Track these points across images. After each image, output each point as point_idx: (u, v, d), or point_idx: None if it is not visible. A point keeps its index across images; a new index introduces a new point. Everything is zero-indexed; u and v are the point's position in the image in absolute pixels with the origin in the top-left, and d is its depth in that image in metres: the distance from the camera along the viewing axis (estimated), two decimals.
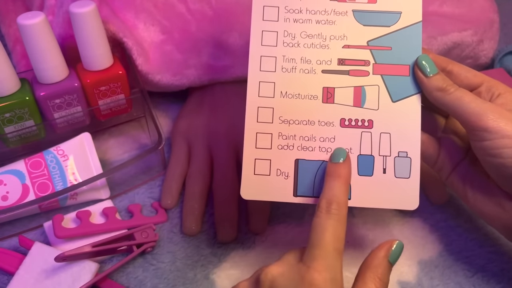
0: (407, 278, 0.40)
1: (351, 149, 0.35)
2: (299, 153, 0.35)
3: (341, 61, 0.35)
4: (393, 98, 0.35)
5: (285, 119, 0.35)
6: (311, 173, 0.35)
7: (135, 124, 0.53)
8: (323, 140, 0.35)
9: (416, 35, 0.35)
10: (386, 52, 0.35)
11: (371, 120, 0.35)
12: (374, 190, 0.34)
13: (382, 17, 0.35)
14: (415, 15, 0.35)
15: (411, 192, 0.34)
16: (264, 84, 0.35)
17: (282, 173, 0.35)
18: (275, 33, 0.35)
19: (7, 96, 0.42)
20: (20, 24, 0.40)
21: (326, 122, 0.35)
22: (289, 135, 0.35)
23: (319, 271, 0.29)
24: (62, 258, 0.38)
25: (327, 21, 0.35)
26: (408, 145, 0.35)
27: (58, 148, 0.45)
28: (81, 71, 0.45)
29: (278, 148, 0.35)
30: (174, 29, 0.52)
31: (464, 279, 0.40)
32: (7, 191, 0.43)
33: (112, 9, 0.50)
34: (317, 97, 0.35)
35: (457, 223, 0.44)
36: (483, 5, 0.57)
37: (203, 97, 0.52)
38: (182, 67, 0.51)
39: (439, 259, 0.41)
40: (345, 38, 0.35)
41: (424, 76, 0.34)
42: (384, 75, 0.35)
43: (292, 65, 0.35)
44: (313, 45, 0.35)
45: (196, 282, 0.40)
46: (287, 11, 0.36)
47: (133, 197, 0.47)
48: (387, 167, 0.34)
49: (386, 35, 0.35)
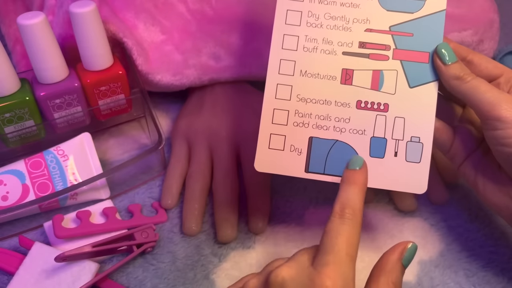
0: (407, 278, 0.40)
1: (365, 131, 0.35)
2: (313, 131, 0.36)
3: (362, 44, 0.36)
4: (410, 84, 0.35)
5: (302, 97, 0.36)
6: (324, 151, 0.35)
7: (135, 124, 0.53)
8: (338, 120, 0.35)
9: (438, 23, 0.35)
10: (407, 38, 0.35)
11: (387, 104, 0.35)
12: (384, 172, 0.35)
13: (407, 3, 0.36)
14: (439, 3, 0.35)
15: (421, 176, 0.35)
16: (285, 62, 0.36)
17: (295, 149, 0.36)
18: (299, 12, 0.36)
19: (7, 96, 0.42)
20: (20, 24, 0.40)
21: (343, 103, 0.36)
22: (305, 113, 0.36)
23: (331, 278, 0.29)
24: (62, 258, 0.38)
25: (352, 4, 0.36)
26: (421, 130, 0.35)
27: (58, 148, 0.45)
28: (81, 71, 0.45)
29: (293, 125, 0.36)
30: (174, 29, 0.52)
31: (464, 279, 0.40)
32: (7, 191, 0.43)
33: (112, 9, 0.50)
34: (336, 78, 0.36)
35: (457, 223, 0.44)
36: (483, 5, 0.57)
37: (203, 97, 0.52)
38: (182, 67, 0.51)
39: (439, 259, 0.41)
40: (368, 21, 0.36)
41: (442, 64, 0.35)
42: (404, 61, 0.35)
43: (313, 45, 0.36)
44: (336, 27, 0.36)
45: (196, 282, 0.40)
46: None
47: (133, 197, 0.47)
48: (399, 151, 0.35)
49: (409, 22, 0.36)
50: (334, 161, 0.35)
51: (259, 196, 0.44)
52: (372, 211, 0.44)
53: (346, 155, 0.35)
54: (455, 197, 0.45)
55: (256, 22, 0.51)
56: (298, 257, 0.32)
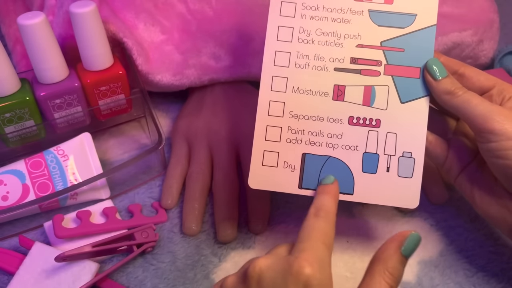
0: (407, 278, 0.40)
1: (357, 147, 0.35)
2: (306, 147, 0.36)
3: (354, 60, 0.36)
4: (402, 99, 0.35)
5: (295, 114, 0.36)
6: (317, 167, 0.36)
7: (135, 124, 0.53)
8: (331, 136, 0.35)
9: (429, 38, 0.35)
10: (398, 54, 0.35)
11: (379, 119, 0.35)
12: (377, 187, 0.35)
13: (397, 18, 0.36)
14: (430, 18, 0.35)
15: (413, 191, 0.35)
16: (277, 78, 0.36)
17: (289, 165, 0.36)
18: (291, 29, 0.36)
19: (7, 96, 0.42)
20: (20, 24, 0.40)
21: (335, 119, 0.36)
22: (298, 130, 0.36)
23: (308, 261, 0.29)
24: (62, 258, 0.38)
25: (343, 20, 0.36)
26: (413, 146, 0.35)
27: (58, 148, 0.45)
28: (81, 71, 0.45)
29: (286, 141, 0.36)
30: (174, 29, 0.52)
31: (464, 279, 0.40)
32: (7, 191, 0.43)
33: (112, 9, 0.50)
34: (328, 94, 0.36)
35: (457, 223, 0.44)
36: (483, 5, 0.57)
37: (203, 97, 0.52)
38: (182, 67, 0.51)
39: (439, 259, 0.41)
40: (359, 37, 0.36)
41: (433, 80, 0.35)
42: (395, 76, 0.35)
43: (305, 61, 0.36)
44: (327, 43, 0.36)
45: (196, 282, 0.40)
46: (304, 8, 0.36)
47: (133, 197, 0.47)
48: (391, 166, 0.35)
49: (400, 37, 0.36)
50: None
51: (259, 197, 0.44)
52: (371, 212, 0.44)
53: (339, 171, 0.35)
54: (455, 197, 0.45)
55: (256, 22, 0.51)
56: (275, 249, 0.33)
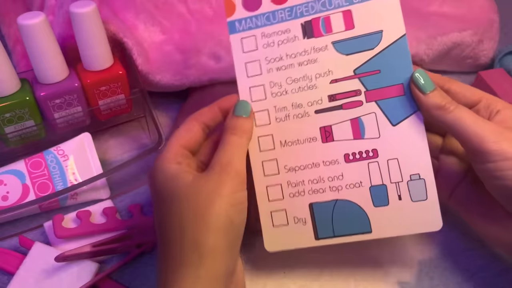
0: (407, 278, 0.40)
1: (362, 183, 0.34)
2: (311, 197, 0.34)
3: (332, 97, 0.34)
4: (392, 122, 0.34)
5: (290, 167, 0.35)
6: (328, 214, 0.34)
7: (135, 124, 0.53)
8: (332, 179, 0.34)
9: (403, 50, 0.33)
10: (375, 76, 0.33)
11: (375, 149, 0.34)
12: (394, 218, 0.33)
13: (364, 41, 0.34)
14: (397, 30, 0.33)
15: (432, 213, 0.33)
16: (263, 138, 0.35)
17: (299, 220, 0.34)
18: (261, 87, 0.35)
19: (7, 96, 0.42)
20: (20, 24, 0.40)
21: (331, 161, 0.34)
22: (298, 182, 0.34)
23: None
24: (62, 258, 0.38)
25: (309, 61, 0.34)
26: (418, 166, 0.33)
27: (58, 148, 0.45)
28: (81, 71, 0.45)
29: (290, 196, 0.35)
30: (174, 29, 0.52)
31: (464, 279, 0.40)
32: (7, 191, 0.43)
33: (112, 9, 0.50)
34: (316, 138, 0.34)
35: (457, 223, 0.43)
36: (483, 5, 0.57)
37: (203, 97, 0.52)
38: (182, 67, 0.51)
39: (439, 259, 0.41)
40: (330, 73, 0.34)
41: (421, 94, 0.33)
42: (379, 101, 0.34)
43: (285, 114, 0.35)
44: (301, 88, 0.34)
45: None
46: (269, 62, 0.35)
47: (133, 197, 0.47)
48: (402, 193, 0.33)
49: (371, 59, 0.34)
50: (341, 221, 0.34)
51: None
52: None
53: (350, 212, 0.34)
54: None
55: None
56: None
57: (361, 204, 0.34)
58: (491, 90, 0.52)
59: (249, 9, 0.35)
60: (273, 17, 0.35)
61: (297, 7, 0.35)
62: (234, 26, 0.36)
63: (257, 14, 0.35)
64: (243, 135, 0.33)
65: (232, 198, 0.30)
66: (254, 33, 0.35)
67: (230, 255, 0.30)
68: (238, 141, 0.33)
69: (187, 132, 0.33)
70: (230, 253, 0.30)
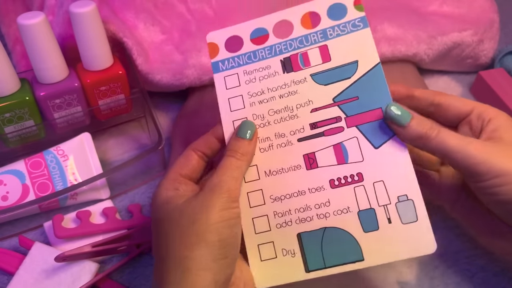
0: (407, 278, 0.40)
1: (349, 208, 0.33)
2: (299, 226, 0.34)
3: (313, 125, 0.35)
4: (375, 145, 0.34)
5: (276, 197, 0.34)
6: (317, 244, 0.33)
7: (135, 124, 0.53)
8: (319, 206, 0.34)
9: (378, 77, 0.34)
10: (354, 103, 0.34)
11: (360, 173, 0.33)
12: (385, 243, 0.32)
13: (340, 71, 0.35)
14: (371, 59, 0.35)
15: (424, 234, 0.32)
16: (248, 169, 0.35)
17: (287, 252, 0.34)
18: (244, 119, 0.35)
19: (7, 96, 0.42)
20: (20, 24, 0.40)
21: (316, 188, 0.34)
22: (285, 211, 0.34)
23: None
24: (62, 258, 0.38)
25: (290, 92, 0.35)
26: (405, 187, 0.32)
27: (58, 148, 0.45)
28: (81, 71, 0.45)
29: (277, 227, 0.34)
30: (174, 29, 0.52)
31: (464, 279, 0.40)
32: (7, 191, 0.43)
33: (112, 9, 0.50)
34: (300, 166, 0.34)
35: (456, 223, 0.43)
36: (483, 5, 0.57)
37: (203, 97, 0.52)
38: (182, 67, 0.51)
39: (439, 259, 0.41)
40: (310, 102, 0.35)
41: (399, 127, 0.32)
42: (359, 125, 0.34)
43: (268, 144, 0.35)
44: (283, 119, 0.35)
45: None
46: (251, 96, 0.36)
47: (133, 197, 0.47)
48: (392, 216, 0.32)
49: (349, 87, 0.35)
50: (331, 250, 0.33)
51: None
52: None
53: (340, 239, 0.33)
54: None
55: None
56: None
57: (350, 231, 0.33)
58: (491, 90, 0.52)
59: (231, 51, 0.37)
60: (254, 56, 0.37)
61: (276, 45, 0.36)
62: (217, 66, 0.37)
63: (239, 54, 0.37)
64: (242, 157, 0.33)
65: (218, 215, 0.30)
66: (237, 71, 0.37)
67: (219, 268, 0.30)
68: (235, 163, 0.33)
69: (185, 161, 0.34)
70: (217, 265, 0.30)
